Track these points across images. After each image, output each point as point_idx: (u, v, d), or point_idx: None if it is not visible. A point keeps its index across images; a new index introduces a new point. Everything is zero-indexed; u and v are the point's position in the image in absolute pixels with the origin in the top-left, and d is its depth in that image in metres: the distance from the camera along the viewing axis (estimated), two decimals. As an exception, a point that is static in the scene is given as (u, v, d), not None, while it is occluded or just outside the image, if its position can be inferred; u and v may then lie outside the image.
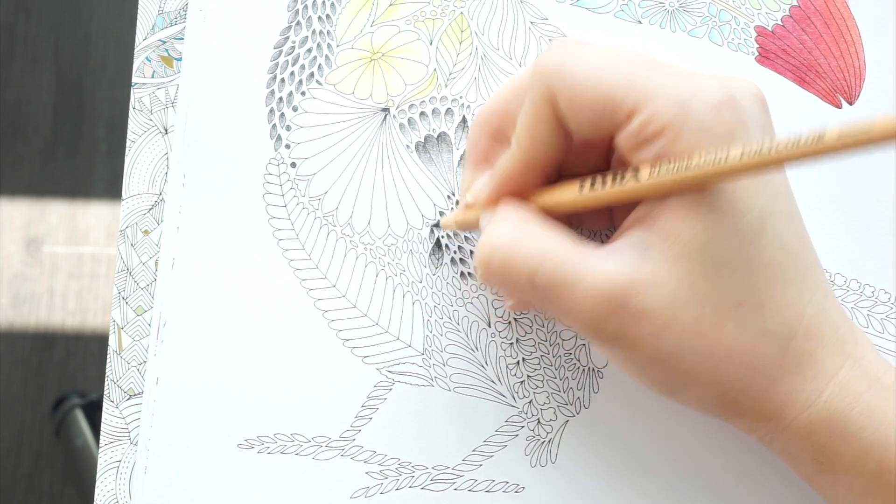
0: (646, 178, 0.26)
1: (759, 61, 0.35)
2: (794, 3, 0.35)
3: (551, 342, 0.33)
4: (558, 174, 0.31)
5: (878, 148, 0.21)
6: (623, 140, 0.26)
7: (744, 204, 0.26)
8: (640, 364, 0.27)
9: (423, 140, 0.34)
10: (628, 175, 0.26)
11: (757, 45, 0.35)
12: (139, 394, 0.33)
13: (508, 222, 0.28)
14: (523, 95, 0.28)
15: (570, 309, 0.27)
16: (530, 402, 0.33)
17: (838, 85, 0.35)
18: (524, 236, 0.27)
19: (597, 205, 0.27)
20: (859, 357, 0.27)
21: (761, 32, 0.35)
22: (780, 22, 0.35)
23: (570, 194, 0.28)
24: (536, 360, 0.33)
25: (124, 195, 0.34)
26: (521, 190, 0.29)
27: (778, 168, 0.23)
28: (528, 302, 0.31)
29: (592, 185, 0.27)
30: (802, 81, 0.35)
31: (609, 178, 0.27)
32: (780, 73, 0.35)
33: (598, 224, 0.32)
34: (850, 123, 0.21)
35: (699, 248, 0.26)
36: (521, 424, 0.33)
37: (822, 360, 0.27)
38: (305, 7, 0.34)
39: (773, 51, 0.35)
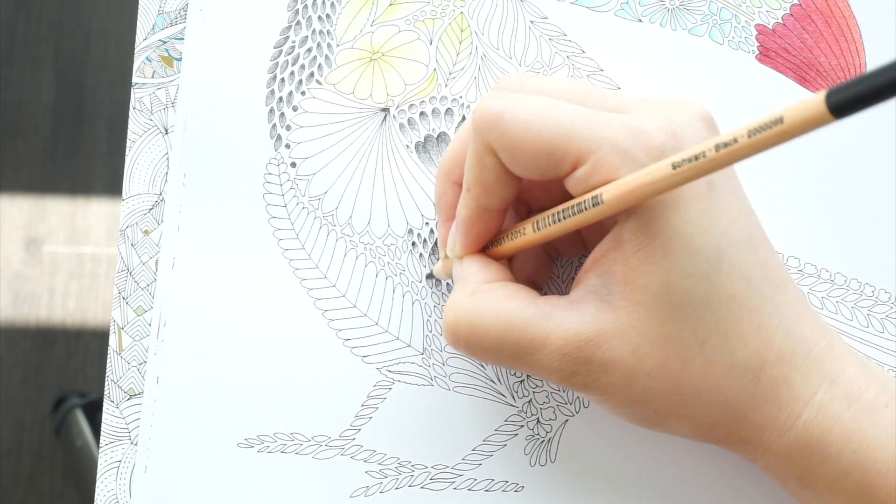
0: (587, 208, 0.26)
1: (759, 60, 0.35)
2: (795, 1, 0.35)
3: (551, 341, 0.33)
4: (528, 210, 0.31)
5: (790, 140, 0.21)
6: (571, 186, 0.26)
7: (698, 240, 0.26)
8: (613, 406, 0.28)
9: (422, 140, 0.34)
10: (569, 211, 0.26)
11: (757, 44, 0.35)
12: (139, 394, 0.33)
13: (468, 286, 0.28)
14: None
15: (540, 368, 0.27)
16: (529, 401, 0.33)
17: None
18: (485, 303, 0.27)
19: (551, 238, 0.28)
20: (838, 375, 0.27)
21: (762, 31, 0.35)
22: (780, 20, 0.35)
23: (525, 238, 0.28)
24: (536, 360, 0.33)
25: (125, 195, 0.34)
26: (488, 231, 0.29)
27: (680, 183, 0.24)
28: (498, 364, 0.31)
29: (537, 227, 0.28)
30: (803, 80, 0.35)
31: (549, 217, 0.27)
32: (780, 72, 0.35)
33: (573, 252, 0.32)
34: (758, 120, 0.21)
35: (656, 292, 0.26)
36: (521, 424, 0.33)
37: (797, 384, 0.27)
38: (305, 7, 0.34)
39: (773, 49, 0.35)
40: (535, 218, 0.28)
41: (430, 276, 0.33)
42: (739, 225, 0.27)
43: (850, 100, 0.19)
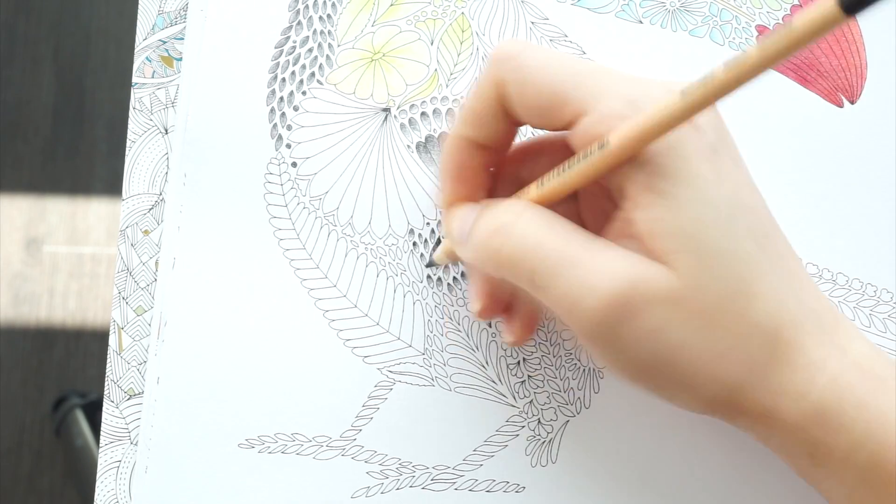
0: (593, 153, 0.25)
1: (760, 61, 0.35)
2: (795, 1, 0.35)
3: (552, 342, 0.33)
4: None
5: (802, 48, 0.20)
6: (576, 140, 0.26)
7: (713, 192, 0.25)
8: (638, 366, 0.26)
9: (423, 140, 0.34)
10: (574, 160, 0.26)
11: (758, 45, 0.35)
12: (139, 394, 0.33)
13: (512, 207, 0.27)
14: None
15: (573, 302, 0.26)
16: (531, 401, 0.33)
17: (840, 84, 0.35)
18: (528, 220, 0.27)
19: (557, 198, 0.27)
20: (847, 346, 0.27)
21: (762, 31, 0.35)
22: (781, 21, 0.35)
23: (529, 197, 0.28)
24: (537, 360, 0.33)
25: (124, 195, 0.34)
26: (471, 170, 0.28)
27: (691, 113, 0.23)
28: (526, 302, 0.31)
29: (541, 184, 0.27)
30: (804, 80, 0.35)
31: (554, 171, 0.27)
32: (781, 73, 0.35)
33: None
34: (769, 36, 0.20)
35: (685, 240, 0.25)
36: (522, 424, 0.33)
37: (810, 351, 0.26)
38: (306, 7, 0.34)
39: (774, 50, 0.35)
40: (539, 178, 0.27)
41: (430, 264, 0.33)
42: (747, 190, 0.27)
43: None
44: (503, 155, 0.29)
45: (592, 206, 0.29)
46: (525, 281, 0.27)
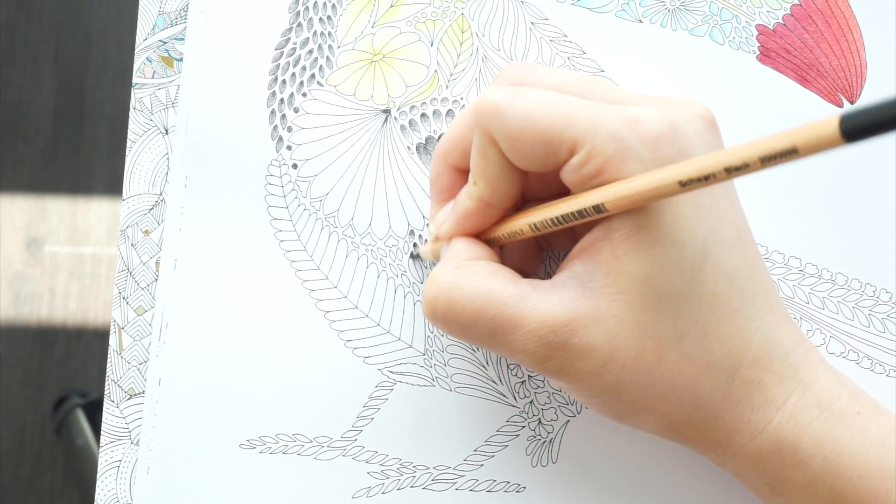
0: (590, 214, 0.26)
1: (760, 60, 0.35)
2: (796, 1, 0.35)
3: (552, 342, 0.33)
4: (523, 199, 0.31)
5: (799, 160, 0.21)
6: (567, 176, 0.26)
7: (686, 234, 0.26)
8: (584, 395, 0.28)
9: (424, 141, 0.34)
10: (570, 217, 0.26)
11: (758, 44, 0.35)
12: (139, 393, 0.33)
13: (452, 262, 0.28)
14: None
15: (514, 350, 0.27)
16: (531, 402, 0.33)
17: (840, 84, 0.35)
18: (466, 277, 0.27)
19: (547, 232, 0.28)
20: (811, 383, 0.27)
21: (762, 31, 0.35)
22: (781, 20, 0.35)
23: (523, 235, 0.28)
24: (538, 361, 0.33)
25: (125, 195, 0.34)
26: (484, 224, 0.29)
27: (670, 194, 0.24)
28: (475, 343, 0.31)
29: (535, 228, 0.27)
30: (804, 80, 0.35)
31: (549, 221, 0.27)
32: (781, 72, 0.35)
33: (564, 245, 0.32)
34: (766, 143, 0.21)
35: (639, 282, 0.25)
36: (523, 424, 0.33)
37: (770, 389, 0.27)
38: (306, 8, 0.34)
39: (774, 49, 0.35)
40: (533, 219, 0.28)
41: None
42: (728, 224, 0.27)
43: (864, 126, 0.19)
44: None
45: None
46: (470, 331, 0.27)
